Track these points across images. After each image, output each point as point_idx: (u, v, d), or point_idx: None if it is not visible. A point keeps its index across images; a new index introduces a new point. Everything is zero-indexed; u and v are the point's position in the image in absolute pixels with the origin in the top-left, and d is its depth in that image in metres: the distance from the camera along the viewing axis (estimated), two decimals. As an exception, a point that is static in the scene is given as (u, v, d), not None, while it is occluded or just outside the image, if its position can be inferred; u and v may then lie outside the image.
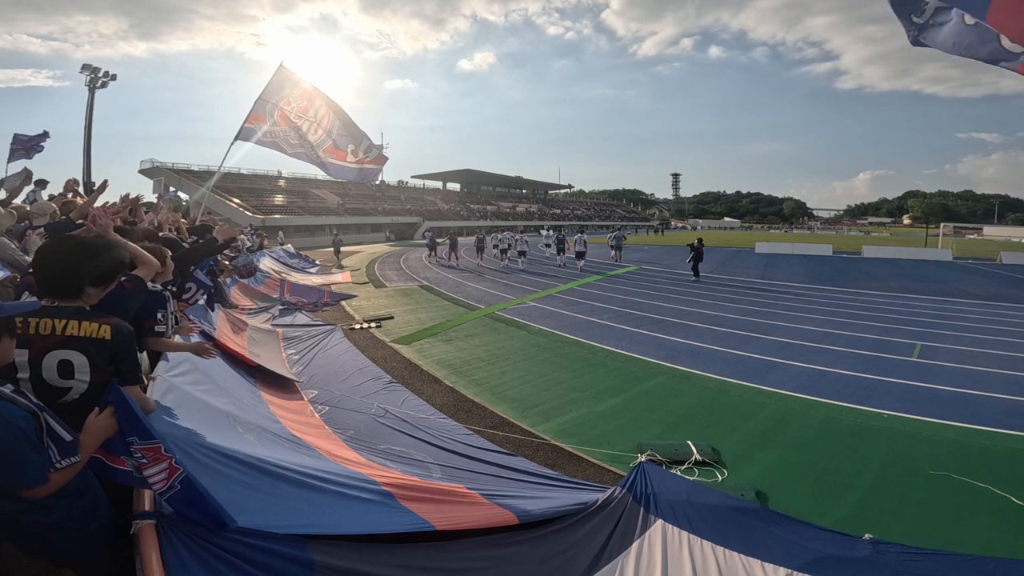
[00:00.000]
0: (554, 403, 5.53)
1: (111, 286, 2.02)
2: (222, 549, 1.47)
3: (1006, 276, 20.74)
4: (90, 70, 26.53)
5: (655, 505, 3.16)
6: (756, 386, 6.12)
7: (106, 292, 2.00)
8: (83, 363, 1.76)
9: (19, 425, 1.38)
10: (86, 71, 26.48)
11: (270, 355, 6.00)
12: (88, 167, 25.50)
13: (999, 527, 3.35)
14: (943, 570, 2.60)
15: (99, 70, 26.63)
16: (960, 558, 2.77)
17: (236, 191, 43.43)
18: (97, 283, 1.92)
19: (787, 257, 29.13)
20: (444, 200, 70.34)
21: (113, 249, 2.04)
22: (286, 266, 17.46)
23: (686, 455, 4.21)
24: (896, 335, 9.07)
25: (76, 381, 1.77)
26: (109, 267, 1.96)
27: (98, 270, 1.91)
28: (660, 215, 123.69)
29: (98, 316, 1.85)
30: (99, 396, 1.72)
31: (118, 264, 2.02)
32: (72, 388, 1.76)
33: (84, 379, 1.77)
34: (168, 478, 1.58)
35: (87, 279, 1.87)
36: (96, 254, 1.93)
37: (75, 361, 1.75)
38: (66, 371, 1.75)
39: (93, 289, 1.90)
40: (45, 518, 1.46)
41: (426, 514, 2.41)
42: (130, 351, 1.89)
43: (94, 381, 1.78)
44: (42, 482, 1.41)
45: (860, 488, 3.85)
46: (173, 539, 1.39)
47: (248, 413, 3.08)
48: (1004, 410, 5.44)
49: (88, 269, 1.88)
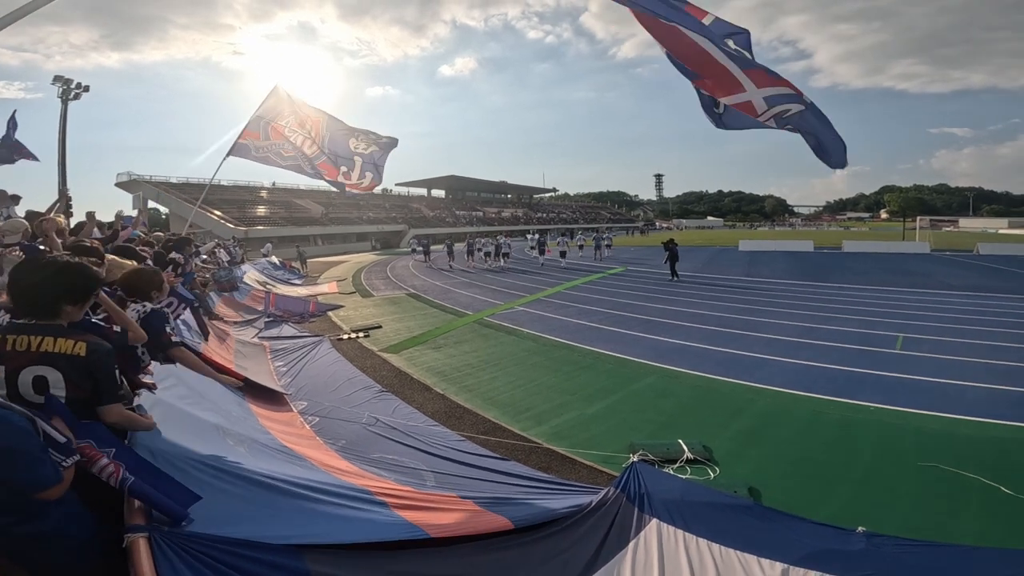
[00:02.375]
0: (545, 406, 5.53)
1: (89, 303, 2.01)
2: (218, 561, 1.44)
3: (984, 267, 21.24)
4: (62, 81, 26.03)
5: (649, 504, 3.17)
6: (745, 383, 6.18)
7: (85, 309, 1.99)
8: (57, 379, 1.75)
9: (27, 428, 1.42)
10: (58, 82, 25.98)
11: (258, 368, 5.92)
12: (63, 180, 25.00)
13: (990, 517, 3.38)
14: (938, 562, 2.62)
15: (71, 81, 26.12)
16: (955, 549, 2.80)
17: (217, 203, 42.94)
18: (74, 301, 1.90)
19: (770, 254, 29.54)
20: (429, 207, 70.23)
21: (88, 267, 2.03)
22: (271, 278, 17.26)
23: (678, 454, 4.23)
24: (879, 328, 9.24)
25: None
26: (84, 285, 1.95)
27: (73, 288, 1.90)
28: (644, 216, 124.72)
29: (76, 333, 1.84)
30: (77, 412, 1.71)
31: (93, 281, 2.01)
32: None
33: (60, 394, 1.75)
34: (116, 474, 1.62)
35: (64, 298, 1.86)
36: (71, 272, 1.93)
37: (49, 377, 1.74)
38: (40, 386, 1.74)
39: (70, 307, 1.89)
40: (41, 526, 1.46)
41: (421, 522, 2.39)
42: (107, 369, 1.87)
43: (70, 397, 1.77)
44: (59, 481, 1.46)
45: (851, 481, 3.90)
46: (168, 552, 1.37)
47: (237, 425, 3.03)
48: (988, 399, 5.55)
49: (63, 287, 1.87)
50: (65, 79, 26.17)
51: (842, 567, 2.58)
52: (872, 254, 28.80)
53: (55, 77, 26.10)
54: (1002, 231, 58.27)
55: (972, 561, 2.64)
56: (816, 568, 2.57)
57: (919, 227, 40.93)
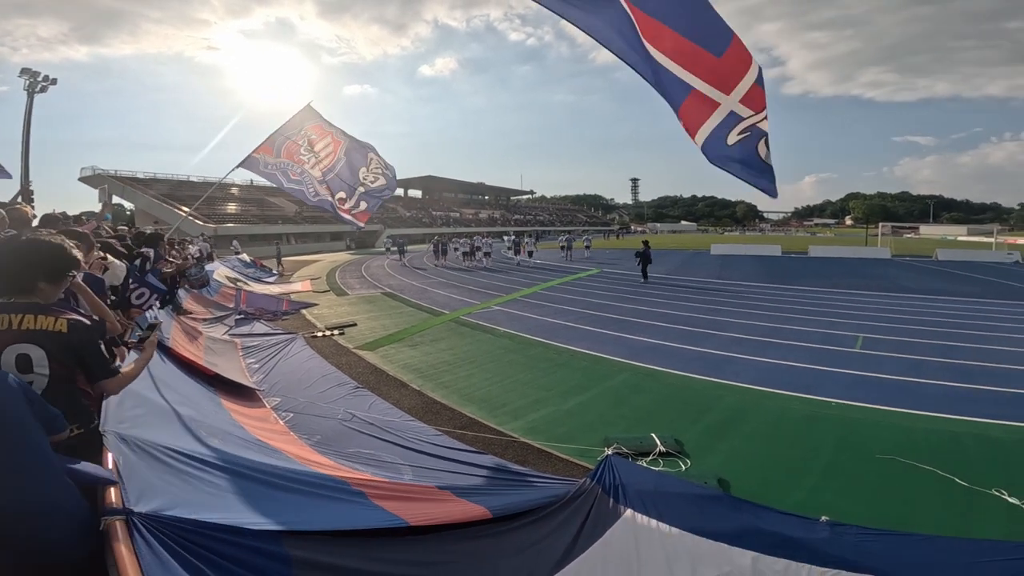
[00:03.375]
0: (522, 402, 5.58)
1: (64, 282, 2.00)
2: (196, 544, 1.43)
3: (941, 271, 22.21)
4: (29, 74, 25.68)
5: (624, 495, 3.24)
6: (715, 380, 6.36)
7: (60, 288, 1.98)
8: (41, 356, 1.75)
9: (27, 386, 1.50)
10: (25, 75, 25.61)
11: (229, 365, 5.80)
12: (26, 174, 24.17)
13: (947, 507, 3.55)
14: (899, 549, 2.74)
15: (39, 74, 25.78)
16: (914, 537, 2.93)
17: (186, 199, 41.69)
18: (50, 279, 1.90)
19: (740, 258, 30.30)
20: (406, 207, 69.60)
21: (63, 246, 2.02)
22: (242, 275, 16.87)
23: (651, 447, 4.33)
24: (841, 328, 9.60)
25: (35, 375, 1.74)
26: (60, 262, 1.95)
27: (49, 265, 1.90)
28: (620, 220, 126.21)
29: (56, 311, 1.83)
30: (62, 390, 1.70)
31: (70, 260, 1.99)
32: (33, 382, 1.72)
33: (43, 372, 1.75)
34: None
35: (40, 275, 1.87)
36: (45, 249, 1.93)
37: (32, 355, 1.74)
38: (24, 365, 1.73)
39: (46, 285, 1.89)
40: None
41: (399, 511, 2.40)
42: (92, 345, 1.88)
43: (54, 375, 1.77)
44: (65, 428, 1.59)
45: (814, 473, 4.05)
46: (147, 535, 1.35)
47: (209, 418, 2.99)
48: (943, 396, 5.83)
49: (38, 264, 1.87)
50: (32, 72, 25.76)
51: (808, 555, 2.68)
52: (836, 259, 29.81)
53: (22, 70, 25.67)
54: (961, 238, 60.94)
55: (931, 549, 2.76)
56: (784, 556, 2.67)
57: (881, 234, 42.40)
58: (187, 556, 1.39)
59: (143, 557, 1.28)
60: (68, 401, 1.84)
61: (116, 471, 1.63)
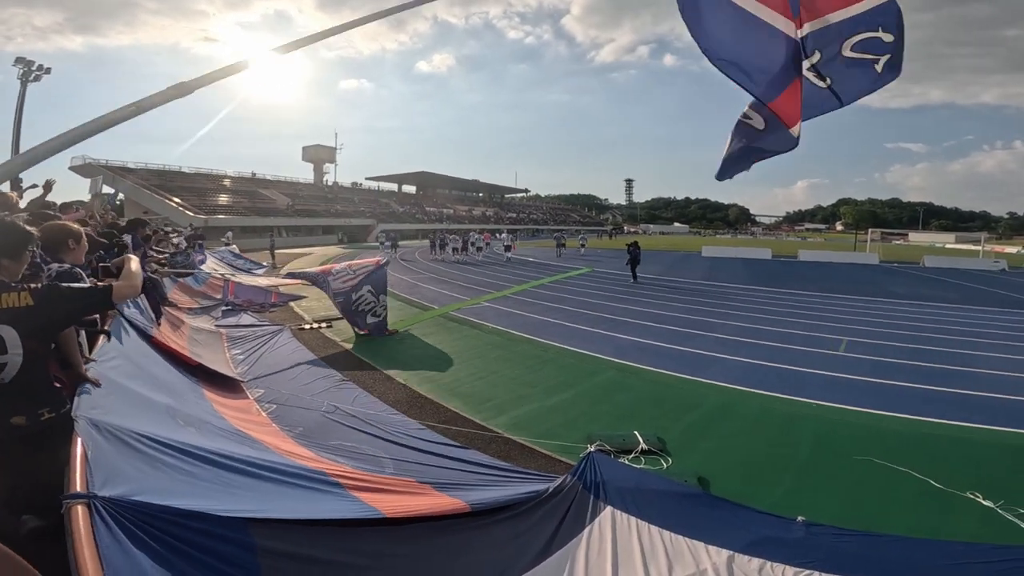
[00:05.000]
0: (506, 398, 5.59)
1: (25, 257, 1.99)
2: (159, 530, 1.42)
3: (927, 278, 22.49)
4: (23, 63, 25.96)
5: (604, 492, 3.26)
6: (699, 379, 6.40)
7: (22, 264, 1.97)
8: (13, 337, 1.72)
9: None
10: (19, 64, 25.97)
11: (213, 356, 5.76)
12: (16, 164, 24.23)
13: (923, 509, 3.60)
14: (873, 550, 2.77)
15: (32, 63, 26.23)
16: (888, 539, 2.97)
17: (176, 190, 41.27)
18: (9, 255, 1.89)
19: (731, 260, 30.50)
20: (399, 202, 69.32)
21: (14, 222, 2.03)
22: (231, 267, 16.72)
23: (633, 444, 4.36)
24: (825, 331, 9.70)
25: (10, 356, 1.72)
26: (13, 237, 1.93)
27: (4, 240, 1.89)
28: (613, 220, 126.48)
29: (16, 286, 1.81)
30: (35, 372, 1.68)
31: (26, 236, 1.98)
32: (7, 364, 1.71)
33: (17, 352, 1.73)
34: None
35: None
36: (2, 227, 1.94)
37: (5, 335, 1.71)
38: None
39: (6, 261, 1.87)
40: None
41: (376, 503, 2.40)
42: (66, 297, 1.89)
43: (28, 354, 1.76)
44: None
45: (792, 472, 4.10)
46: (108, 520, 1.34)
47: (188, 407, 2.96)
48: (921, 399, 5.92)
49: None
50: (27, 61, 25.97)
51: (784, 555, 2.71)
52: (825, 263, 30.09)
53: (16, 59, 25.89)
54: (948, 245, 61.52)
55: (906, 550, 2.81)
56: (759, 555, 2.70)
57: (870, 240, 42.83)
58: (148, 541, 1.37)
59: (102, 541, 1.27)
60: (41, 385, 1.82)
61: (84, 456, 1.61)
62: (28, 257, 2.01)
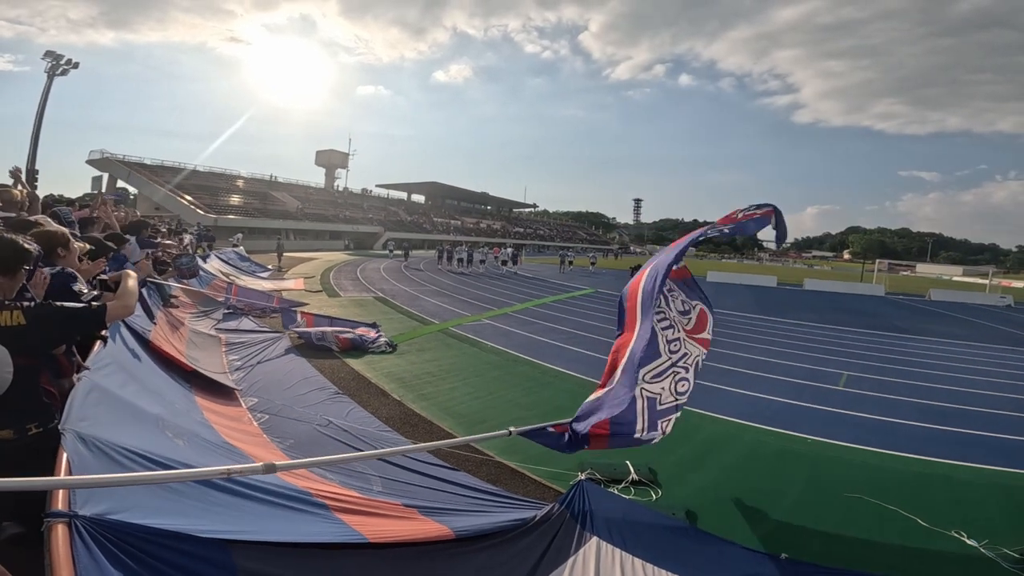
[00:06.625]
0: (501, 420, 5.56)
1: (20, 275, 1.99)
2: (139, 551, 1.43)
3: (933, 312, 22.31)
4: (52, 56, 26.36)
5: (591, 522, 3.25)
6: (695, 410, 6.34)
7: (17, 282, 1.97)
8: (4, 355, 1.72)
9: None
10: (48, 57, 26.37)
11: (209, 360, 5.79)
12: (34, 154, 24.48)
13: (907, 547, 3.60)
14: None
15: (62, 57, 26.61)
16: None
17: (190, 188, 41.79)
18: (2, 271, 1.89)
19: (736, 287, 30.38)
20: (408, 211, 69.78)
21: (13, 239, 2.02)
22: (236, 269, 16.85)
23: (624, 475, 4.33)
24: (827, 365, 9.64)
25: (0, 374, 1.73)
26: (11, 255, 1.94)
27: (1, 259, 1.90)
28: (620, 239, 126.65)
29: (9, 304, 1.81)
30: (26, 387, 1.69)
31: (22, 252, 1.98)
32: None
33: (8, 371, 1.73)
34: None
35: None
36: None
37: None
38: None
39: (2, 279, 1.88)
40: None
41: (360, 526, 2.39)
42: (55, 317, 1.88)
43: (19, 372, 1.76)
44: None
45: (781, 509, 4.06)
46: (88, 539, 1.35)
47: (179, 418, 2.98)
48: (920, 437, 5.88)
49: None
50: (56, 54, 26.37)
51: None
52: (830, 293, 29.94)
53: (46, 52, 26.26)
54: (956, 278, 61.13)
55: None
56: None
57: (877, 270, 42.60)
58: (128, 562, 1.38)
59: (80, 562, 1.28)
60: (30, 399, 1.83)
61: (68, 471, 1.62)
62: (24, 275, 2.01)
